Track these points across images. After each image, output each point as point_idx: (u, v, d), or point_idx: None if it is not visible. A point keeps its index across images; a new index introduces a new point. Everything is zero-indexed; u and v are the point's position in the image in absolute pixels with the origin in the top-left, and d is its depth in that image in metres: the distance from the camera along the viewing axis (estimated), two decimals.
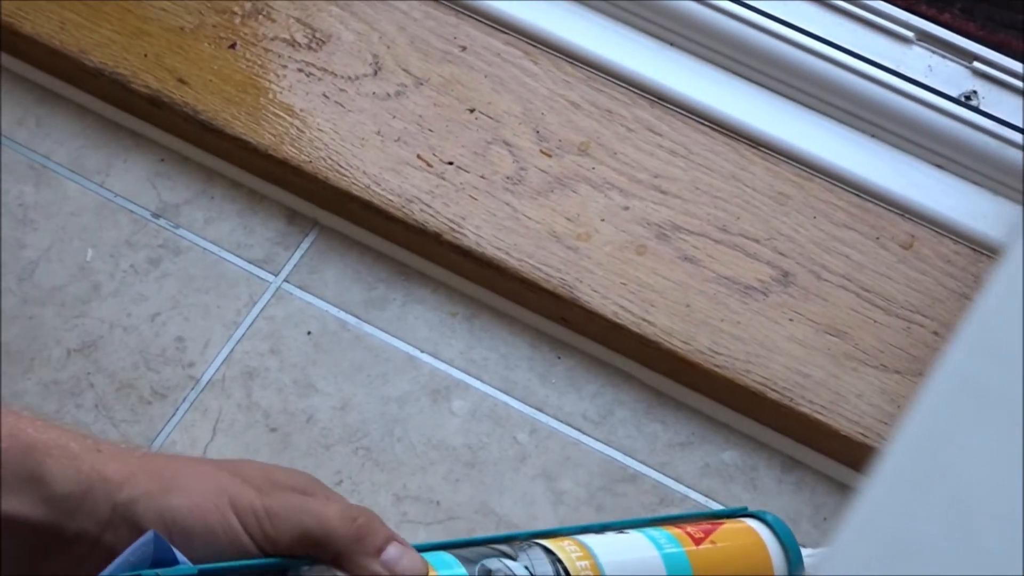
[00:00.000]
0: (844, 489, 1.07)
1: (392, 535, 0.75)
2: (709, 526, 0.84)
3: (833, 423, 1.06)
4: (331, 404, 1.09)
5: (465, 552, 0.78)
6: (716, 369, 1.08)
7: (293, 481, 0.76)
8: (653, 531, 0.83)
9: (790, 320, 1.10)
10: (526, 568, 0.78)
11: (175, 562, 0.70)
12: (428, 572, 0.75)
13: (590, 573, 0.79)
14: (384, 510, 1.05)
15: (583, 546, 0.80)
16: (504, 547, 0.79)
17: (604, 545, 0.81)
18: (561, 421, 1.10)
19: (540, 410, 1.10)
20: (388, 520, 1.03)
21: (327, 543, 0.73)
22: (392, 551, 0.75)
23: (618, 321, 1.10)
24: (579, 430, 1.09)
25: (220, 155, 1.16)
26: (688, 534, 0.83)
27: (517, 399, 1.10)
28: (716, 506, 1.06)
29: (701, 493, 1.07)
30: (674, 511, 1.05)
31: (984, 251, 1.12)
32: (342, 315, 1.13)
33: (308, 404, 1.09)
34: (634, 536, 0.82)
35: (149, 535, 0.69)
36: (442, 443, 1.09)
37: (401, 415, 1.09)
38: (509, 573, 0.77)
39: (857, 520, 0.57)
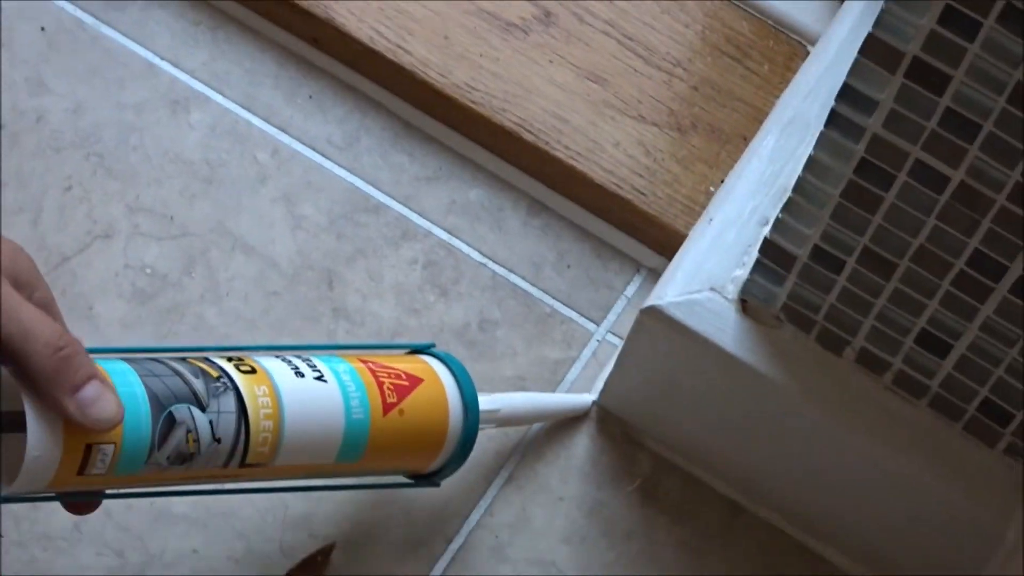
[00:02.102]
0: (590, 237, 1.09)
1: (93, 373, 0.74)
2: (405, 381, 0.86)
3: (588, 171, 1.08)
4: (63, 106, 1.07)
5: (160, 378, 0.78)
6: (472, 105, 1.09)
7: (12, 265, 0.73)
8: (348, 380, 0.84)
9: (550, 62, 1.11)
10: (210, 423, 0.78)
11: None
12: (120, 417, 0.75)
13: (270, 435, 0.80)
14: (115, 221, 1.04)
15: (274, 394, 0.81)
16: (198, 384, 0.79)
17: (295, 392, 0.82)
18: (305, 144, 1.09)
19: (284, 131, 1.09)
20: (119, 232, 1.02)
21: (23, 361, 0.72)
22: (89, 390, 0.73)
23: (373, 47, 1.10)
24: (323, 155, 1.09)
25: None
26: (381, 393, 0.85)
27: (260, 117, 1.10)
28: (459, 243, 1.07)
29: (445, 230, 1.08)
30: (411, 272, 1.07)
31: (749, 10, 1.15)
32: (79, 13, 1.10)
33: (39, 104, 1.07)
34: (329, 386, 0.83)
35: None
36: (179, 156, 1.07)
37: (138, 123, 1.07)
38: (191, 426, 0.78)
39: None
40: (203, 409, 0.78)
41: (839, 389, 0.92)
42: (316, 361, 0.85)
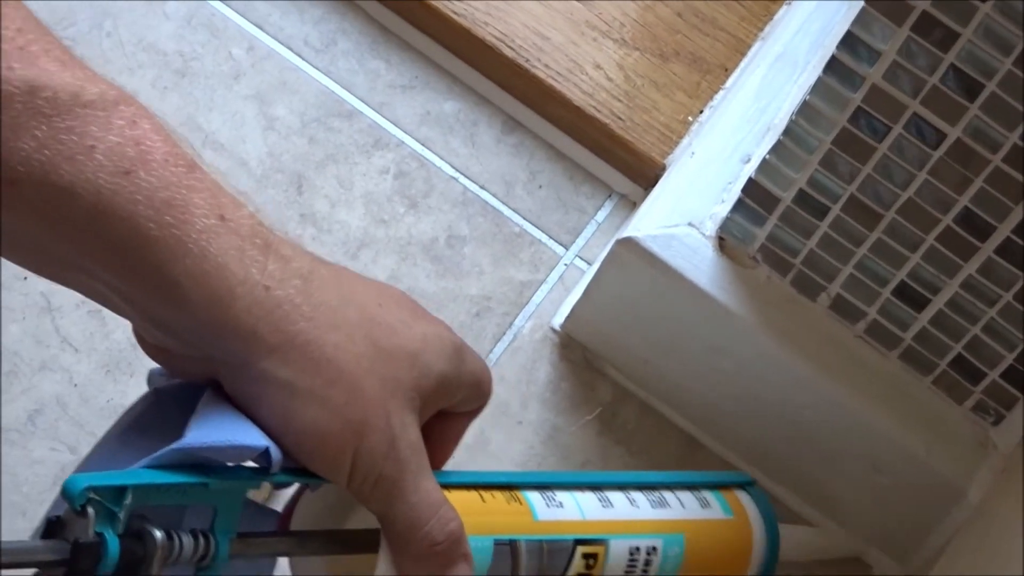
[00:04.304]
0: (563, 159, 1.09)
1: (455, 564, 0.71)
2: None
3: (566, 91, 1.08)
4: None
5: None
6: (453, 16, 1.08)
7: (415, 389, 0.69)
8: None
9: None
10: None
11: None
12: None
13: None
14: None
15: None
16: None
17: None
18: (281, 43, 1.08)
19: (260, 27, 1.08)
20: None
21: (395, 540, 0.70)
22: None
23: None
24: (299, 55, 1.08)
25: None
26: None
27: (236, 12, 1.08)
28: (431, 156, 1.07)
29: (417, 140, 1.08)
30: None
31: None
32: None
33: None
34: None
35: (262, 446, 0.65)
36: (153, 46, 1.06)
37: (112, 9, 1.06)
38: None
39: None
40: None
41: (810, 334, 0.93)
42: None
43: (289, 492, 0.73)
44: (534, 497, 0.79)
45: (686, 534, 0.85)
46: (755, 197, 0.90)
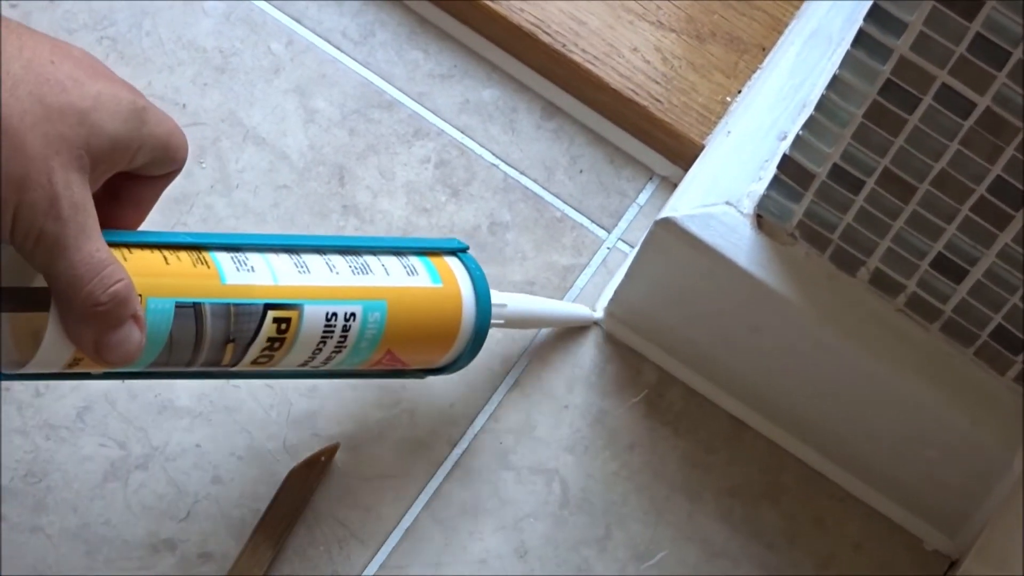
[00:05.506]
0: (603, 143, 1.10)
1: (123, 322, 0.72)
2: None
3: (604, 75, 1.09)
4: None
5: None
6: (489, 3, 1.09)
7: (84, 144, 0.70)
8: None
9: None
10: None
11: None
12: (134, 359, 0.74)
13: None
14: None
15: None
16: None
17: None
18: (319, 36, 1.10)
19: (298, 21, 1.10)
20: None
21: (60, 297, 0.71)
22: (114, 338, 0.72)
23: None
24: (338, 48, 1.09)
25: None
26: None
27: (274, 6, 1.10)
28: (471, 144, 1.08)
29: (457, 129, 1.08)
30: (424, 168, 1.07)
31: None
32: None
33: None
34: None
35: None
36: (192, 43, 1.07)
37: (151, 7, 1.07)
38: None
39: None
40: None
41: (851, 309, 0.93)
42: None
43: None
44: (223, 259, 0.79)
45: (388, 300, 0.85)
46: (791, 173, 0.90)
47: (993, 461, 0.93)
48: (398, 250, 0.89)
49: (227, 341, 0.79)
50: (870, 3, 0.80)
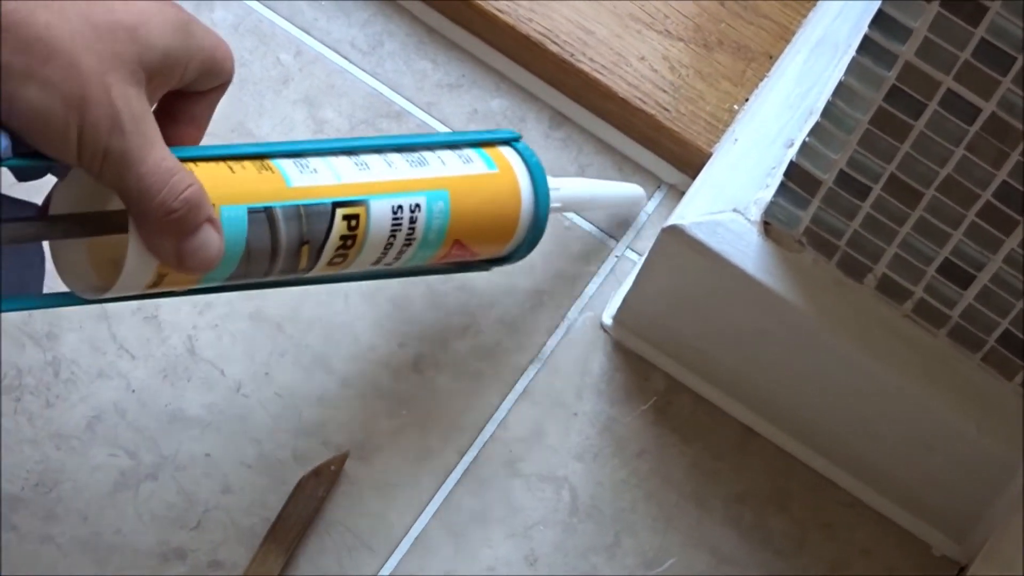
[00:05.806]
0: (611, 151, 1.10)
1: (200, 224, 0.73)
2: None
3: (612, 84, 1.09)
4: None
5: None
6: (497, 13, 1.10)
7: (137, 57, 0.70)
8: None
9: None
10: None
11: None
12: (215, 264, 0.75)
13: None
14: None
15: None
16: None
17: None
18: (328, 46, 1.10)
19: (307, 32, 1.10)
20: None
21: (134, 210, 0.71)
22: (193, 243, 0.73)
23: None
24: (346, 58, 1.10)
25: None
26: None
27: (283, 17, 1.10)
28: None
29: None
30: None
31: None
32: None
33: None
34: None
35: None
36: None
37: None
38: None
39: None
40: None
41: (858, 315, 0.93)
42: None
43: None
44: (286, 165, 0.81)
45: (450, 189, 0.87)
46: (797, 180, 0.91)
47: (1000, 466, 0.93)
48: (452, 144, 0.91)
49: (301, 244, 0.81)
50: (875, 10, 0.80)
